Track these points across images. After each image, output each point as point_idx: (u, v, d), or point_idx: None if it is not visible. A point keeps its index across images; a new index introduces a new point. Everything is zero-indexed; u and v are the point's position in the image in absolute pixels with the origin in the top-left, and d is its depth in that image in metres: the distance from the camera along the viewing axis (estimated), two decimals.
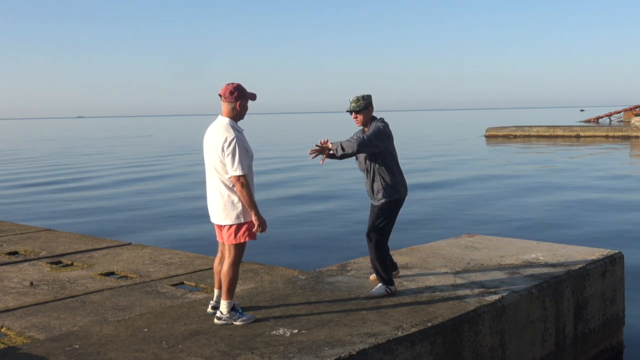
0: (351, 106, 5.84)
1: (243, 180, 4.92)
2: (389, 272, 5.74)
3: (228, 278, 5.02)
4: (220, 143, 4.96)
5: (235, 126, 5.08)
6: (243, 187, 4.92)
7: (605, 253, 6.90)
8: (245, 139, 5.14)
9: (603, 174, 24.35)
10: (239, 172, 4.91)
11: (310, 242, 13.21)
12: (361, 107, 5.82)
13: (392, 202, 5.77)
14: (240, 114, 5.14)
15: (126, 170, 31.12)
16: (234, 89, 5.08)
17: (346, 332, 4.73)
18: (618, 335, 7.04)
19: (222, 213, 5.06)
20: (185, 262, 7.83)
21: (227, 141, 4.94)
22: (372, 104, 5.87)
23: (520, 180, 23.03)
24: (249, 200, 4.95)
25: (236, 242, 5.05)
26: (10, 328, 5.47)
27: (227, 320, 4.99)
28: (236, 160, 4.91)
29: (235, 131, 5.01)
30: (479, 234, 8.31)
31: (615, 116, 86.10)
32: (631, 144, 41.95)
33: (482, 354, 5.19)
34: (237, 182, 4.93)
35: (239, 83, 5.17)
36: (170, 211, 17.71)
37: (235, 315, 5.01)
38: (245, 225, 5.05)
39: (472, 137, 57.20)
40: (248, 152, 5.05)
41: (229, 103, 5.08)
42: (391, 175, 5.79)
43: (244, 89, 5.14)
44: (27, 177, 28.89)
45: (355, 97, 5.85)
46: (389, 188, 5.77)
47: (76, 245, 8.90)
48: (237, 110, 5.10)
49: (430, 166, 29.54)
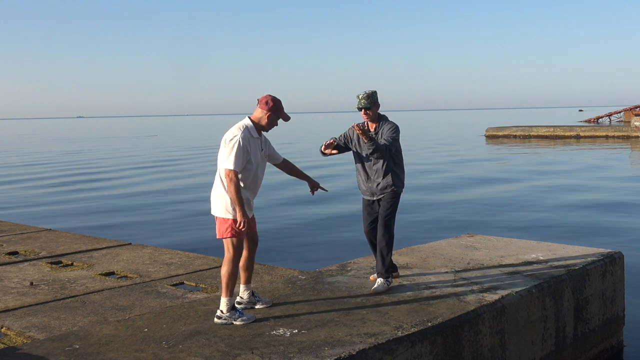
0: (362, 103, 5.81)
1: (232, 175, 5.04)
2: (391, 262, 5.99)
3: (222, 274, 5.14)
4: (225, 137, 5.15)
5: (251, 129, 5.19)
6: (231, 182, 5.05)
7: (605, 253, 6.90)
8: (257, 145, 5.22)
9: (603, 174, 24.35)
10: (230, 167, 5.05)
11: (310, 242, 13.21)
12: (371, 103, 5.82)
13: (399, 194, 6.01)
14: (266, 126, 5.28)
15: (136, 171, 31.13)
16: (270, 100, 5.24)
17: (346, 332, 4.73)
18: (618, 335, 7.04)
19: (214, 204, 5.23)
20: (185, 262, 7.82)
21: (230, 137, 5.11)
22: (378, 100, 5.90)
23: (520, 180, 23.03)
24: (234, 195, 5.05)
25: (220, 237, 5.19)
26: (10, 328, 5.47)
27: (227, 320, 5.01)
28: (232, 155, 5.04)
29: (244, 132, 5.13)
30: (479, 234, 8.31)
31: (615, 116, 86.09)
32: (631, 144, 41.95)
33: (482, 354, 5.19)
34: (227, 176, 5.08)
35: (280, 99, 5.29)
36: (170, 211, 17.72)
37: (235, 315, 5.02)
38: (230, 221, 5.13)
39: (473, 137, 57.19)
40: (248, 154, 5.11)
41: (261, 110, 5.25)
42: (401, 170, 6.03)
43: (280, 105, 5.28)
44: (37, 177, 28.90)
45: (364, 93, 5.81)
46: (399, 181, 5.98)
47: (76, 245, 8.90)
48: (264, 121, 5.25)
49: (430, 166, 29.53)
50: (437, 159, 33.91)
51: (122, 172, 30.26)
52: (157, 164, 34.78)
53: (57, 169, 33.46)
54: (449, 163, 31.07)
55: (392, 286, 5.87)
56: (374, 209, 6.04)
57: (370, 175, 5.97)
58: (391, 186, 5.90)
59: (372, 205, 6.05)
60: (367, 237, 6.15)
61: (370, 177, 5.96)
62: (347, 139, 6.07)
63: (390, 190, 5.91)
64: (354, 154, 6.06)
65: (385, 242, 5.87)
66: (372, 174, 5.96)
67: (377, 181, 5.92)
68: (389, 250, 5.89)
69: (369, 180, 5.97)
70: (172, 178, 27.12)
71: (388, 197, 5.92)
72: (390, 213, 5.90)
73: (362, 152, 5.95)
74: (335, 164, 26.80)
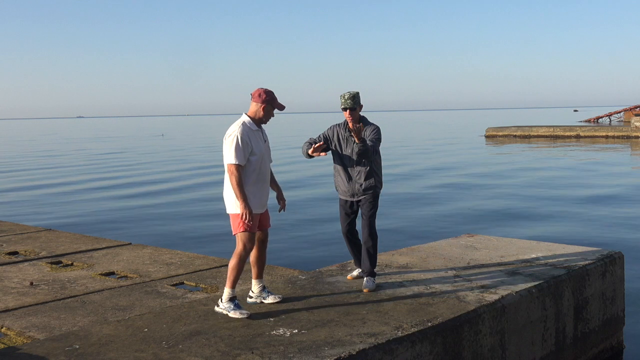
0: (348, 103, 5.84)
1: (234, 169, 5.14)
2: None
3: (229, 266, 5.27)
4: (225, 135, 5.26)
5: (249, 123, 5.31)
6: (232, 176, 5.16)
7: (605, 253, 6.90)
8: (258, 137, 5.32)
9: (603, 174, 24.35)
10: (232, 161, 5.16)
11: (310, 242, 13.20)
12: (356, 104, 5.85)
13: (379, 194, 6.08)
14: (263, 118, 5.40)
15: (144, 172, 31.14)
16: (263, 92, 5.35)
17: (346, 332, 4.73)
18: (618, 335, 7.04)
19: (226, 201, 5.35)
20: (185, 262, 7.83)
21: (229, 133, 5.23)
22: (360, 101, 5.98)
23: (520, 180, 23.03)
24: (236, 189, 5.15)
25: (235, 233, 5.28)
26: (10, 328, 5.47)
27: (223, 309, 5.23)
28: (232, 149, 5.15)
29: (243, 126, 5.24)
30: (479, 234, 8.31)
31: (615, 116, 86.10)
32: (631, 144, 41.95)
33: (482, 354, 5.19)
34: (229, 170, 5.19)
35: (272, 90, 5.38)
36: (171, 211, 17.71)
37: (231, 306, 5.21)
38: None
39: (472, 137, 57.20)
40: (249, 146, 5.20)
41: (255, 103, 5.36)
42: (380, 171, 6.10)
43: (274, 96, 5.38)
44: (33, 179, 28.91)
45: (349, 93, 5.84)
46: (379, 182, 6.07)
47: (76, 245, 8.90)
48: (260, 113, 5.36)
49: (430, 166, 29.55)
50: (437, 159, 33.91)
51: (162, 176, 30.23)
52: (174, 163, 34.77)
53: (78, 171, 33.44)
54: (449, 163, 31.06)
55: (392, 286, 5.89)
56: (353, 209, 6.12)
57: (352, 176, 5.99)
58: (373, 187, 5.97)
59: (350, 206, 6.11)
60: (345, 237, 6.23)
61: (353, 177, 5.99)
62: (328, 139, 6.07)
63: (372, 191, 5.98)
64: (334, 154, 6.09)
65: (372, 242, 5.94)
66: (354, 174, 5.98)
67: (360, 182, 5.96)
68: (376, 249, 6.00)
69: (351, 181, 6.01)
70: (179, 178, 27.13)
71: (370, 198, 5.98)
72: (374, 213, 6.00)
73: (343, 152, 5.99)
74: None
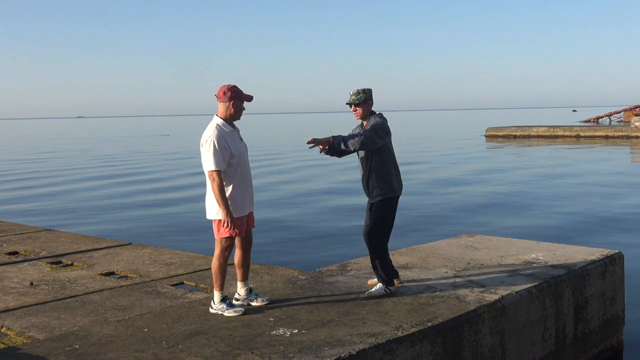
0: (351, 98, 5.78)
1: (215, 175, 5.09)
2: (388, 272, 5.70)
3: (212, 271, 5.29)
4: (201, 141, 5.19)
5: (223, 125, 5.21)
6: (213, 182, 5.11)
7: (605, 253, 6.90)
8: (234, 137, 5.25)
9: (603, 174, 24.35)
10: (211, 167, 5.10)
11: (310, 242, 13.21)
12: (361, 100, 5.76)
13: (387, 200, 5.67)
14: (235, 115, 5.30)
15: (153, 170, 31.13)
16: (227, 90, 5.25)
17: (346, 332, 4.73)
18: (618, 335, 7.04)
19: (207, 208, 5.29)
20: (185, 262, 7.83)
21: (205, 139, 5.16)
22: (372, 98, 5.80)
23: (520, 179, 23.03)
24: (218, 195, 5.09)
25: (219, 237, 5.24)
26: (10, 328, 5.47)
27: (217, 310, 5.25)
28: (210, 156, 5.08)
29: (217, 130, 5.15)
30: (479, 234, 8.31)
31: (615, 116, 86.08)
32: (631, 144, 41.94)
33: (482, 354, 5.19)
34: (209, 177, 5.13)
35: (235, 84, 5.29)
36: (171, 211, 17.72)
37: (224, 307, 5.24)
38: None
39: (473, 137, 57.20)
40: (227, 150, 5.12)
41: (223, 103, 5.26)
42: (387, 172, 5.68)
43: (239, 90, 5.28)
44: (33, 177, 28.90)
45: (356, 89, 5.79)
46: (385, 186, 5.66)
47: (76, 245, 8.90)
48: (231, 110, 5.26)
49: (430, 166, 29.55)
50: (437, 158, 33.91)
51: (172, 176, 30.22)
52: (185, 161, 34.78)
53: (84, 167, 33.44)
54: (449, 163, 31.06)
55: None
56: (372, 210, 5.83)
57: (362, 175, 5.84)
58: (377, 189, 5.65)
59: (370, 208, 5.77)
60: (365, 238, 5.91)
61: (363, 177, 5.83)
62: None
63: (378, 199, 5.64)
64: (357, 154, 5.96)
65: (371, 255, 5.69)
66: (361, 173, 5.81)
67: (365, 180, 5.74)
68: (380, 263, 5.65)
69: (363, 179, 5.83)
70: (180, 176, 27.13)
71: (378, 204, 5.65)
72: (374, 223, 5.64)
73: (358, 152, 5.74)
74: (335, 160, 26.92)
